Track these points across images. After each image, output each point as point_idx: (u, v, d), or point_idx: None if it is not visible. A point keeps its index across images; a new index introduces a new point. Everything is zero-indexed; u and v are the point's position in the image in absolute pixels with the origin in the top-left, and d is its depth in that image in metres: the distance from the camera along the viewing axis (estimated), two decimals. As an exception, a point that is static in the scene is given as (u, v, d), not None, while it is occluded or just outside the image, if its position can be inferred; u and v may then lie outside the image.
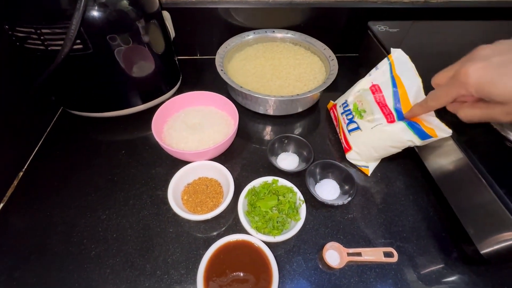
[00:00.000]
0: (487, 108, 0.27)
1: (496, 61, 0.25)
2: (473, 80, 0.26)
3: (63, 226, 0.42)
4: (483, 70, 0.25)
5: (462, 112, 0.30)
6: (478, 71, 0.25)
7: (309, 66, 0.61)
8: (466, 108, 0.29)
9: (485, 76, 0.25)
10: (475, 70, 0.26)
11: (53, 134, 0.54)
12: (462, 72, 0.26)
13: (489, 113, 0.27)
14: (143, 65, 0.51)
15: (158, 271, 0.38)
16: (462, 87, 0.27)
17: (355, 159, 0.50)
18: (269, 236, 0.37)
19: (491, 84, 0.25)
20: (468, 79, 0.26)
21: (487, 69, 0.25)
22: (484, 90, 0.26)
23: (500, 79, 0.25)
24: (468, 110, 0.29)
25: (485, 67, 0.25)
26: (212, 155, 0.46)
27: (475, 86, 0.26)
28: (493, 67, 0.25)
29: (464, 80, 0.26)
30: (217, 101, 0.53)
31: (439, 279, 0.38)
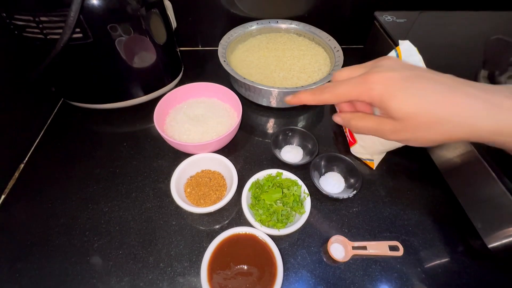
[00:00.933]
0: (379, 123, 0.26)
1: (403, 74, 0.24)
2: (379, 89, 0.24)
3: (65, 218, 0.41)
4: (389, 81, 0.24)
5: (355, 122, 0.28)
6: (385, 81, 0.24)
7: (314, 57, 0.60)
8: (359, 119, 0.28)
9: (391, 88, 0.24)
10: (383, 79, 0.24)
11: (54, 126, 0.54)
12: (371, 78, 0.25)
13: (379, 128, 0.26)
14: (144, 55, 0.50)
15: (161, 263, 0.38)
16: (365, 93, 0.25)
17: (360, 152, 0.50)
18: (273, 229, 0.37)
19: (392, 97, 0.24)
20: (374, 86, 0.24)
21: (393, 81, 0.24)
22: (385, 102, 0.24)
23: (401, 93, 0.23)
24: (361, 121, 0.27)
25: (391, 78, 0.24)
26: (215, 147, 0.45)
27: (380, 96, 0.24)
28: (398, 80, 0.24)
29: (371, 86, 0.25)
30: (220, 93, 0.52)
31: (445, 273, 0.38)
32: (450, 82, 0.23)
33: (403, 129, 0.24)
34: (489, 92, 0.22)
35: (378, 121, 0.26)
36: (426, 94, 0.23)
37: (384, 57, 0.28)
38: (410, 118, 0.23)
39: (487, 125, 0.21)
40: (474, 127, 0.22)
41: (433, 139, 0.24)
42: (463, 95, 0.22)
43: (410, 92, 0.23)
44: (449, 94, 0.22)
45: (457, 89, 0.23)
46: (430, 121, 0.23)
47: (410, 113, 0.23)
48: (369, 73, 0.25)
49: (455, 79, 0.24)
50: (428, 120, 0.23)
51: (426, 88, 0.23)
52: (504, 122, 0.21)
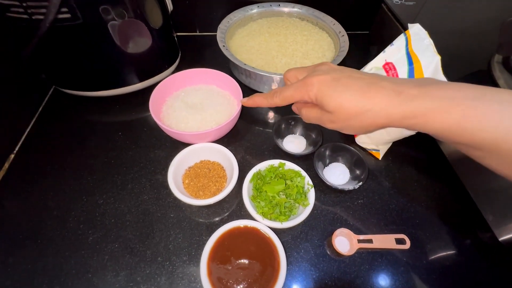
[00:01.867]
0: (320, 114, 0.31)
1: (334, 76, 0.29)
2: (315, 89, 0.29)
3: (58, 210, 0.40)
4: (322, 82, 0.29)
5: (303, 111, 0.33)
6: (320, 83, 0.29)
7: (317, 42, 0.57)
8: (306, 109, 0.33)
9: (323, 87, 0.29)
10: (318, 81, 0.29)
11: (45, 114, 0.51)
12: (308, 81, 0.30)
13: (320, 118, 0.31)
14: (139, 40, 0.48)
15: (159, 257, 0.36)
16: (306, 94, 0.30)
17: (365, 142, 0.48)
18: (276, 222, 0.35)
19: (325, 95, 0.28)
20: (312, 88, 0.29)
21: (325, 82, 0.29)
22: (320, 99, 0.29)
23: (331, 91, 0.28)
24: (307, 111, 0.33)
25: (324, 80, 0.29)
26: (215, 137, 0.43)
27: (316, 95, 0.29)
28: (329, 81, 0.28)
29: (309, 88, 0.29)
30: (219, 80, 0.49)
31: (453, 267, 0.36)
32: (370, 79, 0.28)
33: (336, 120, 0.29)
34: (399, 84, 0.26)
35: (320, 112, 0.31)
36: (350, 90, 0.27)
37: (321, 63, 0.33)
38: (340, 111, 0.28)
39: (398, 111, 0.25)
40: (389, 114, 0.26)
41: (361, 126, 0.28)
42: (379, 88, 0.26)
43: (338, 90, 0.28)
44: (368, 88, 0.27)
45: (375, 84, 0.27)
46: (355, 111, 0.27)
47: (339, 107, 0.28)
48: (308, 77, 0.30)
49: (375, 76, 0.28)
50: (354, 111, 0.27)
51: (351, 86, 0.28)
52: (409, 108, 0.25)
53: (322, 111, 0.30)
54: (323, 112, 0.30)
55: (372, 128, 0.29)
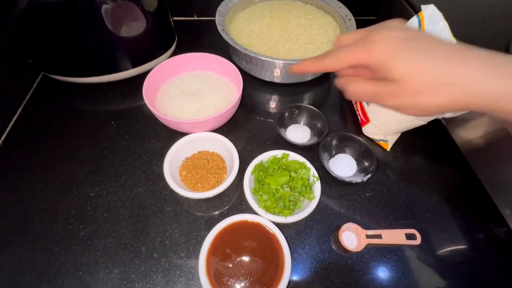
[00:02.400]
0: (378, 86, 0.24)
1: (406, 34, 0.23)
2: (378, 48, 0.23)
3: (47, 204, 0.37)
4: (390, 40, 0.23)
5: (351, 86, 0.26)
6: (386, 40, 0.23)
7: (322, 27, 0.54)
8: (356, 83, 0.26)
9: (390, 46, 0.22)
10: (383, 38, 0.23)
11: (34, 102, 0.48)
12: (371, 37, 0.23)
13: (377, 92, 0.24)
14: (132, 23, 0.44)
15: (155, 253, 0.34)
16: (365, 54, 0.24)
17: (373, 133, 0.45)
18: (279, 217, 0.33)
19: (392, 57, 0.22)
20: (374, 46, 0.23)
21: (393, 40, 0.23)
22: (383, 62, 0.23)
23: (403, 52, 0.22)
24: (358, 85, 0.26)
25: (392, 37, 0.23)
26: (213, 126, 0.41)
27: (378, 56, 0.23)
28: (400, 39, 0.22)
29: (370, 46, 0.23)
30: (217, 65, 0.46)
31: (466, 263, 0.34)
32: (454, 45, 0.22)
33: (402, 93, 0.22)
34: (498, 58, 0.20)
35: (376, 84, 0.24)
36: (430, 54, 0.21)
37: (388, 20, 0.26)
38: (410, 80, 0.22)
39: (493, 90, 0.20)
40: (480, 91, 0.20)
41: (434, 104, 0.22)
42: (468, 57, 0.21)
43: (412, 51, 0.22)
44: (456, 55, 0.21)
45: (463, 51, 0.21)
46: (432, 83, 0.21)
47: (411, 75, 0.21)
48: (369, 34, 0.24)
49: (460, 45, 0.22)
50: (430, 82, 0.21)
51: (431, 48, 0.21)
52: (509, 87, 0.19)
53: (381, 82, 0.24)
54: (383, 83, 0.23)
55: (446, 109, 0.22)
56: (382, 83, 0.24)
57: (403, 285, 0.33)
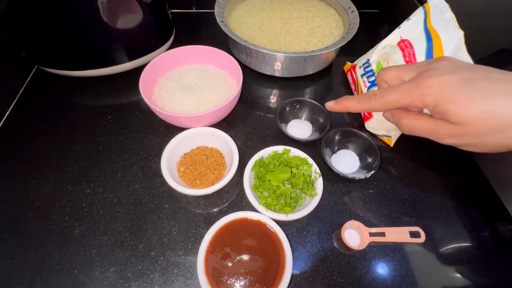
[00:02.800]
0: (435, 125, 0.24)
1: (464, 76, 0.22)
2: (435, 94, 0.22)
3: (41, 200, 0.36)
4: (447, 84, 0.22)
5: (406, 121, 0.26)
6: (443, 85, 0.22)
7: (324, 19, 0.52)
8: (411, 119, 0.26)
9: (449, 91, 0.22)
10: (440, 83, 0.22)
11: (27, 96, 0.47)
12: (425, 82, 0.23)
13: (434, 131, 0.24)
14: (129, 15, 0.43)
15: (152, 252, 0.33)
16: (419, 99, 0.23)
17: (376, 128, 0.44)
18: (280, 214, 0.32)
19: (451, 102, 0.22)
20: (430, 91, 0.23)
21: (452, 84, 0.22)
22: (442, 107, 0.22)
23: (462, 97, 0.22)
24: (414, 121, 0.25)
25: (449, 82, 0.22)
26: (212, 120, 0.39)
27: (435, 102, 0.23)
28: (458, 82, 0.22)
29: (426, 92, 0.23)
30: (216, 59, 0.45)
31: (471, 262, 0.34)
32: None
33: (464, 134, 0.22)
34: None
35: (434, 123, 0.24)
36: (492, 96, 0.21)
37: (437, 58, 0.25)
38: (473, 123, 0.21)
39: None
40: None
41: (503, 143, 0.22)
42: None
43: (472, 95, 0.21)
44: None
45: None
46: (499, 124, 0.21)
47: (474, 118, 0.21)
48: (423, 77, 0.23)
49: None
50: (497, 124, 0.21)
51: (492, 90, 0.21)
52: None
53: (437, 121, 0.23)
54: (442, 123, 0.23)
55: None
56: (441, 123, 0.23)
57: (406, 284, 0.32)
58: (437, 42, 0.39)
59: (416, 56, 0.40)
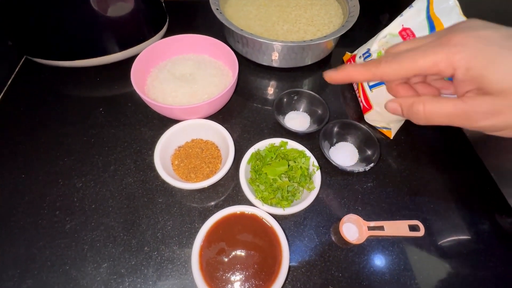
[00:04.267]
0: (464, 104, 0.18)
1: (506, 33, 0.17)
2: (469, 52, 0.17)
3: (30, 195, 0.35)
4: (481, 41, 0.17)
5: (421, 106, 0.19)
6: (477, 41, 0.17)
7: (323, 7, 0.51)
8: (429, 102, 0.19)
9: (488, 49, 0.17)
10: (470, 39, 0.17)
11: (16, 87, 0.45)
12: (453, 38, 0.18)
13: (465, 112, 0.18)
14: (120, 2, 0.41)
15: (146, 247, 0.32)
16: (446, 59, 0.18)
17: (376, 120, 0.43)
18: (277, 208, 0.31)
19: (492, 63, 0.17)
20: (460, 48, 0.17)
21: (488, 42, 0.17)
22: (478, 69, 0.17)
23: (504, 58, 0.16)
24: (434, 105, 0.19)
25: (490, 37, 0.17)
26: (207, 112, 0.38)
27: (468, 62, 0.17)
28: (496, 39, 0.17)
29: (454, 50, 0.17)
30: (211, 48, 0.43)
31: (470, 255, 0.33)
32: None
33: (507, 109, 0.17)
34: None
35: (463, 102, 0.18)
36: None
37: (465, 20, 0.20)
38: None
39: None
40: None
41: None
42: None
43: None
44: None
45: None
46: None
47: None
48: (450, 34, 0.18)
49: None
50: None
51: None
52: None
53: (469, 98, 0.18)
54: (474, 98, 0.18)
55: None
56: (474, 98, 0.18)
57: (405, 278, 0.31)
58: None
59: (418, 45, 0.39)
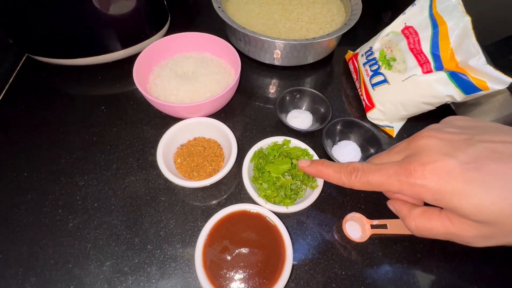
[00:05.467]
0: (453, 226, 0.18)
1: (464, 160, 0.17)
2: (431, 186, 0.17)
3: (33, 193, 0.35)
4: (447, 174, 0.17)
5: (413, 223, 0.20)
6: (439, 174, 0.17)
7: (325, 5, 0.50)
8: (420, 219, 0.20)
9: (450, 183, 0.17)
10: (434, 171, 0.17)
11: (17, 86, 0.45)
12: (415, 171, 0.18)
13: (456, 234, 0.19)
14: (122, 0, 0.41)
15: (148, 245, 0.32)
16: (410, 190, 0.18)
17: (378, 118, 0.43)
18: (280, 206, 0.31)
19: (460, 196, 0.17)
20: (424, 182, 0.18)
21: (453, 174, 0.17)
22: (449, 202, 0.17)
23: (473, 189, 0.16)
24: (424, 223, 0.20)
25: (449, 170, 0.17)
26: (209, 110, 0.38)
27: (435, 194, 0.18)
28: (462, 170, 0.17)
29: (418, 182, 0.18)
30: (213, 46, 0.43)
31: (474, 252, 0.33)
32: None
33: (498, 235, 0.17)
34: None
35: (452, 224, 0.19)
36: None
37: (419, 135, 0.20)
38: (505, 218, 0.16)
39: None
40: None
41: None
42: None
43: (486, 183, 0.16)
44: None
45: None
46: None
47: (502, 212, 0.16)
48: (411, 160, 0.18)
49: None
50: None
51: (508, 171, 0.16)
52: None
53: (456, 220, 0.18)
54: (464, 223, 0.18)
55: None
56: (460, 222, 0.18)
57: (408, 276, 0.31)
58: (443, 29, 0.37)
59: (421, 43, 0.39)
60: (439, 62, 0.37)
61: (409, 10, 0.42)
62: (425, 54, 0.38)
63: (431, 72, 0.37)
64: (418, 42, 0.39)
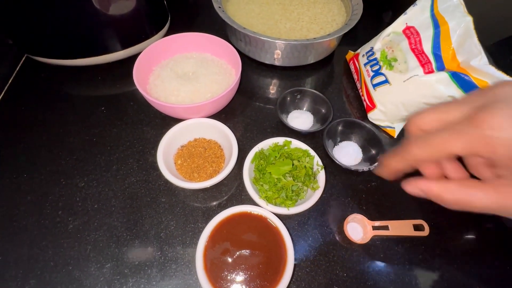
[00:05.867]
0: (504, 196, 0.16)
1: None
2: (505, 136, 0.15)
3: (32, 194, 0.35)
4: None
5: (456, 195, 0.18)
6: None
7: (326, 5, 0.50)
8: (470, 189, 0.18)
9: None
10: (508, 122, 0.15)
11: (17, 86, 0.45)
12: (486, 121, 0.16)
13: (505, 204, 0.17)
14: (122, 0, 0.41)
15: (149, 247, 0.32)
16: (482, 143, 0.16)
17: (379, 119, 0.43)
18: (281, 208, 0.31)
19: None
20: (500, 133, 0.16)
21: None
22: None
23: None
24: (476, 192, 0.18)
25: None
26: (210, 111, 0.38)
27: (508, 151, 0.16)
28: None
29: (494, 134, 0.16)
30: (214, 46, 0.43)
31: (476, 254, 0.33)
32: None
33: None
34: None
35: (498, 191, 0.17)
36: None
37: (499, 84, 0.18)
38: None
39: None
40: None
41: None
42: None
43: None
44: None
45: None
46: None
47: None
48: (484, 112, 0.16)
49: None
50: None
51: None
52: None
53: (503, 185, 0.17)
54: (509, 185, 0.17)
55: None
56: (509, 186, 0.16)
57: (410, 277, 0.31)
58: (445, 29, 0.37)
59: (423, 43, 0.39)
60: (440, 62, 0.37)
61: (410, 10, 0.41)
62: (426, 54, 0.38)
63: (432, 73, 0.37)
64: (420, 43, 0.39)
